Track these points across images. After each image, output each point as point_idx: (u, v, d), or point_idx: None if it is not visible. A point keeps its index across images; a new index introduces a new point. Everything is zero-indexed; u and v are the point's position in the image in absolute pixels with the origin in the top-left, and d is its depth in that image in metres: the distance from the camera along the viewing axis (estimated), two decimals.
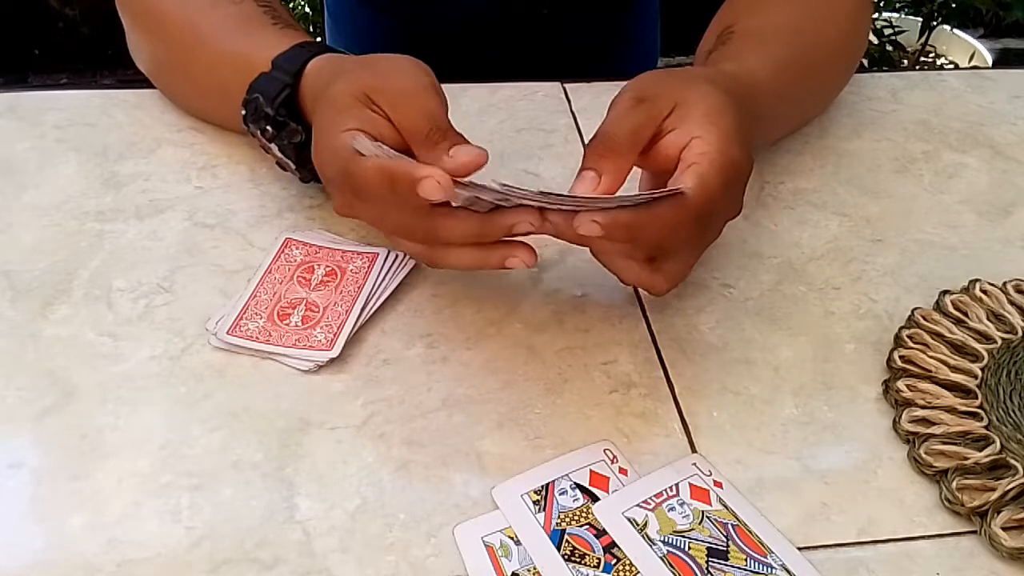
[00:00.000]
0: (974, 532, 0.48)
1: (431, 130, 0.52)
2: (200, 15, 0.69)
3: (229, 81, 0.63)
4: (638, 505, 0.48)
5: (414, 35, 0.57)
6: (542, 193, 0.49)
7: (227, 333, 0.56)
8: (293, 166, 0.63)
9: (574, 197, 0.49)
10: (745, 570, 0.46)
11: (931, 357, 0.55)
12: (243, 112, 0.62)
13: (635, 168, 0.55)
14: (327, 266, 0.60)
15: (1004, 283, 0.61)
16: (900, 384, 0.54)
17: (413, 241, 0.54)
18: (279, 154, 0.62)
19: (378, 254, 0.61)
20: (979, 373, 0.55)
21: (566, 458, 0.51)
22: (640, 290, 0.61)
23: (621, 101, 0.55)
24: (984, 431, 0.51)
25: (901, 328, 0.58)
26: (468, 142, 0.52)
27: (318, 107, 0.56)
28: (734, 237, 0.65)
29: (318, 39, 0.84)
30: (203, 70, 0.68)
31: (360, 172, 0.50)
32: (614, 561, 0.46)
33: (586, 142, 0.74)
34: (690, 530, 0.47)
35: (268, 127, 0.61)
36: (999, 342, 0.57)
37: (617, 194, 0.52)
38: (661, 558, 0.46)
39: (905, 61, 2.18)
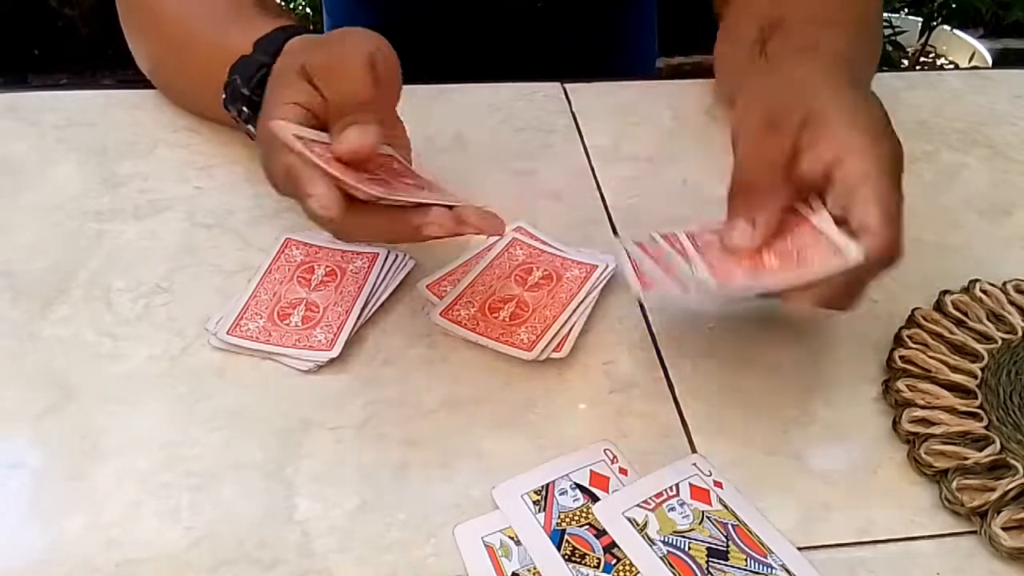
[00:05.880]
0: (974, 532, 0.48)
1: (341, 104, 0.52)
2: (192, 8, 0.69)
3: (218, 72, 0.63)
4: (638, 505, 0.48)
5: (413, 33, 0.57)
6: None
7: (227, 333, 0.56)
8: None
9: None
10: (745, 570, 0.46)
11: (931, 357, 0.55)
12: (223, 96, 0.62)
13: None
14: (327, 266, 0.60)
15: (1004, 283, 0.61)
16: (900, 384, 0.54)
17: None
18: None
19: (378, 254, 0.61)
20: (979, 373, 0.55)
21: (566, 458, 0.51)
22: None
23: (749, 129, 0.53)
24: (984, 431, 0.51)
25: (901, 328, 0.58)
26: (369, 122, 0.50)
27: (269, 81, 0.56)
28: None
29: None
30: (196, 63, 0.68)
31: (271, 167, 0.51)
32: (614, 561, 0.46)
33: (588, 143, 0.74)
34: (690, 530, 0.47)
35: (244, 108, 0.61)
36: (999, 342, 0.57)
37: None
38: (661, 558, 0.46)
39: (905, 61, 2.18)
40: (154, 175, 0.69)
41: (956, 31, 2.36)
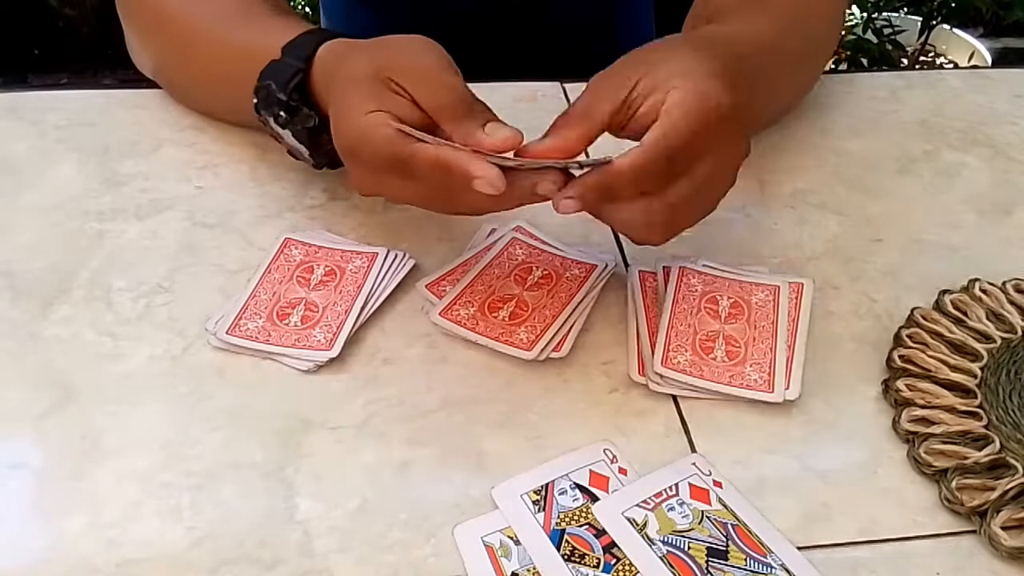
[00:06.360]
0: (974, 532, 0.48)
1: (457, 104, 0.53)
2: (201, 8, 0.69)
3: (236, 71, 0.63)
4: (638, 505, 0.48)
5: (412, 34, 0.57)
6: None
7: (226, 333, 0.56)
8: (306, 152, 0.63)
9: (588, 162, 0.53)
10: (745, 570, 0.46)
11: (931, 357, 0.55)
12: (255, 100, 0.62)
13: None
14: (326, 266, 0.60)
15: (1004, 283, 0.61)
16: (900, 384, 0.54)
17: (432, 210, 0.57)
18: (292, 141, 0.62)
19: (377, 254, 0.61)
20: (979, 372, 0.55)
21: (566, 458, 0.51)
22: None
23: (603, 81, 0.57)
24: (984, 430, 0.51)
25: (901, 328, 0.58)
26: (495, 116, 0.54)
27: (335, 85, 0.56)
28: (734, 237, 0.65)
29: None
30: (208, 62, 0.68)
31: (418, 156, 0.51)
32: (614, 561, 0.46)
33: None
34: (690, 530, 0.47)
35: (281, 112, 0.61)
36: (999, 341, 0.57)
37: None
38: (661, 558, 0.46)
39: (905, 60, 2.17)
40: (155, 175, 0.69)
41: (956, 30, 2.36)
